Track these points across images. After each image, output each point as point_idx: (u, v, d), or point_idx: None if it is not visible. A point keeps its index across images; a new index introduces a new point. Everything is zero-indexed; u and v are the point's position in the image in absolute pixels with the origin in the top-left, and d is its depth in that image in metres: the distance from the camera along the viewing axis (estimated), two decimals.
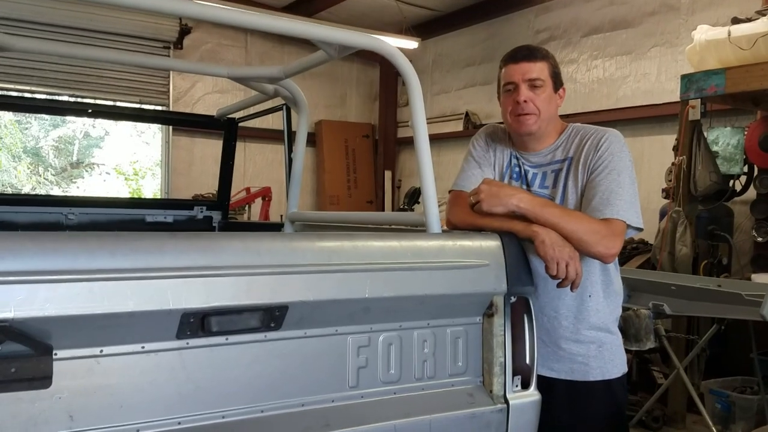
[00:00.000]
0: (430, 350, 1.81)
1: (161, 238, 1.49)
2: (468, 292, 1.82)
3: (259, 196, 7.82)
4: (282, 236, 1.80)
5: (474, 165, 2.24)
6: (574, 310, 2.07)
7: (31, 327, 1.28)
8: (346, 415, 1.66)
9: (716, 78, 4.36)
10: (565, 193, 2.09)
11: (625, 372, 2.17)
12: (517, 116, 2.09)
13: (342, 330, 1.68)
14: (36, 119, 12.80)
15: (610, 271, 2.11)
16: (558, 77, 2.13)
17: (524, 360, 1.91)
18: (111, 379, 1.41)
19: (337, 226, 2.76)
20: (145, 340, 1.43)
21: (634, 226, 1.98)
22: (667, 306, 3.58)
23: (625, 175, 2.01)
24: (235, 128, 3.84)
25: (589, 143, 2.08)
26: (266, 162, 8.86)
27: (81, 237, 1.40)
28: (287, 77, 2.60)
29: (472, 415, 1.81)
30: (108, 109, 5.03)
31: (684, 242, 4.52)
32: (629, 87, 6.72)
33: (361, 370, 1.71)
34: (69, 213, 3.44)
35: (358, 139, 9.68)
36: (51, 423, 1.34)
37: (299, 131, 3.01)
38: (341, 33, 2.05)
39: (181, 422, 1.47)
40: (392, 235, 1.83)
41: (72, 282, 1.30)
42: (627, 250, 5.58)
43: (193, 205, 3.88)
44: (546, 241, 1.86)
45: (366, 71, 9.85)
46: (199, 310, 1.44)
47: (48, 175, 13.33)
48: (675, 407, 4.61)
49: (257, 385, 1.57)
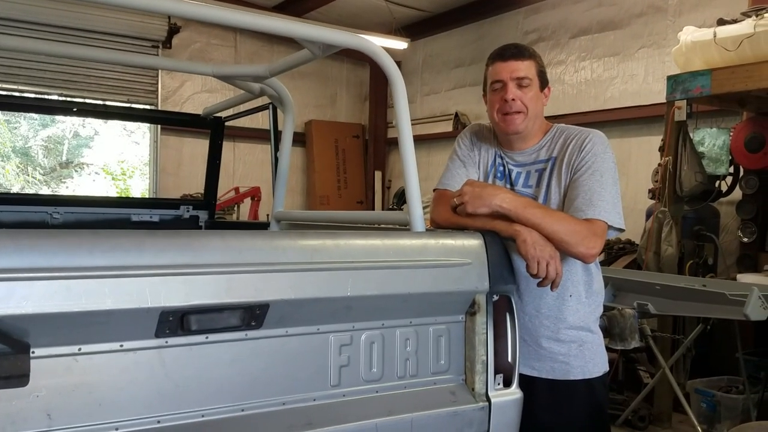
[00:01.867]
0: (413, 348, 1.82)
1: (140, 236, 1.47)
2: (451, 291, 1.83)
3: (248, 196, 7.80)
4: (264, 234, 1.80)
5: (459, 164, 2.25)
6: (555, 309, 2.08)
7: (8, 325, 1.27)
8: (328, 414, 1.66)
9: (702, 79, 4.39)
10: (548, 192, 2.10)
11: (607, 371, 2.18)
12: (505, 115, 2.09)
13: (324, 328, 1.68)
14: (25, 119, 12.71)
15: (592, 271, 2.13)
16: (544, 76, 2.14)
17: (506, 358, 1.91)
18: (89, 378, 1.40)
19: (323, 225, 2.76)
20: (124, 338, 1.43)
21: (615, 227, 2.00)
22: (651, 305, 3.60)
23: (608, 176, 2.02)
24: (222, 127, 3.83)
25: (573, 143, 2.09)
26: (256, 162, 8.83)
27: (59, 234, 1.40)
28: (272, 76, 2.60)
29: (454, 413, 1.81)
30: (95, 108, 4.99)
31: (669, 242, 4.54)
32: (617, 88, 6.76)
33: (343, 369, 1.71)
34: (54, 212, 3.41)
35: (348, 139, 9.68)
36: (29, 421, 1.34)
37: (285, 130, 3.01)
38: (325, 32, 2.05)
39: (161, 421, 1.47)
40: (375, 233, 1.83)
41: (50, 280, 1.30)
42: (614, 250, 5.60)
43: (179, 204, 3.86)
44: (527, 240, 1.87)
45: (356, 71, 9.85)
46: (178, 309, 1.43)
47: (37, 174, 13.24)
48: (661, 407, 4.63)
49: (238, 384, 1.56)
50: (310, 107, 9.38)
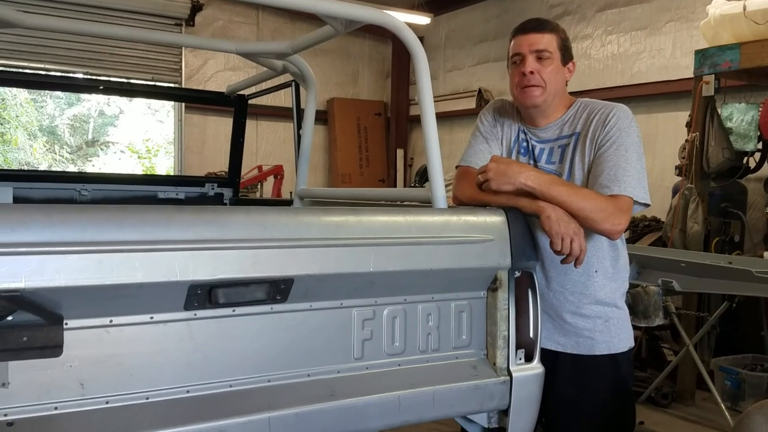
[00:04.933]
0: (435, 323, 1.84)
1: (169, 211, 1.50)
2: (472, 267, 1.83)
3: (271, 174, 7.85)
4: (288, 210, 1.82)
5: (481, 140, 2.24)
6: (581, 285, 2.08)
7: (42, 297, 1.31)
8: (352, 386, 1.69)
9: (731, 53, 4.30)
10: (572, 168, 2.09)
11: (632, 347, 2.18)
12: (523, 88, 2.08)
13: (347, 303, 1.70)
14: (51, 98, 12.88)
15: (618, 247, 2.12)
16: (567, 50, 2.11)
17: (528, 333, 1.92)
18: (120, 349, 1.44)
19: (345, 202, 2.78)
20: (154, 310, 1.46)
21: (641, 202, 1.98)
22: (676, 283, 3.58)
23: (633, 151, 2.00)
24: (245, 105, 3.85)
25: (597, 118, 2.07)
26: (278, 140, 8.87)
27: (90, 210, 1.43)
28: (295, 53, 2.60)
29: (475, 386, 1.84)
30: (119, 86, 5.04)
31: (696, 219, 4.49)
32: (644, 63, 6.64)
33: (366, 343, 1.74)
34: (82, 189, 3.48)
35: (370, 117, 9.66)
36: (62, 390, 1.38)
37: (308, 108, 3.01)
38: (348, 7, 2.04)
39: (190, 391, 1.51)
40: (397, 210, 1.85)
41: (81, 253, 1.33)
42: (639, 227, 5.55)
43: (204, 182, 3.92)
44: (552, 216, 1.87)
45: (378, 48, 9.78)
46: (206, 282, 1.46)
47: (64, 153, 13.44)
48: (684, 384, 4.62)
49: (264, 356, 1.60)
50: (332, 85, 9.36)
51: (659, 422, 4.33)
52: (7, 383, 1.33)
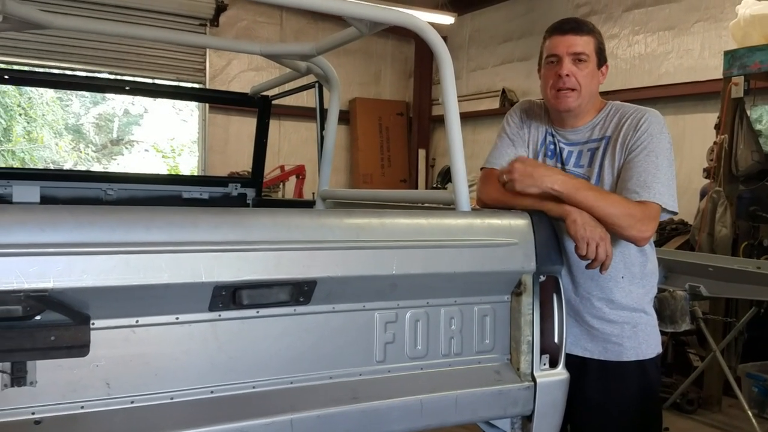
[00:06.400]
0: (457, 327, 1.82)
1: (195, 213, 1.52)
2: (496, 271, 1.82)
3: (293, 174, 7.89)
4: (311, 213, 1.83)
5: (507, 142, 2.21)
6: (607, 291, 2.05)
7: (70, 297, 1.32)
8: (374, 389, 1.69)
9: (760, 54, 4.22)
10: (601, 173, 2.05)
11: (660, 353, 2.15)
12: (558, 91, 2.04)
13: (369, 306, 1.70)
14: (77, 96, 13.06)
15: (646, 252, 2.08)
16: (602, 53, 2.07)
17: (552, 339, 1.90)
18: (146, 349, 1.45)
19: (368, 203, 2.77)
20: (179, 311, 1.47)
21: (669, 209, 1.95)
22: (703, 287, 3.52)
23: (663, 157, 1.97)
24: (269, 106, 3.87)
25: (628, 123, 2.03)
26: (301, 140, 8.90)
27: (117, 211, 1.44)
28: (319, 54, 2.61)
29: (499, 392, 1.82)
30: (145, 86, 5.10)
31: (724, 223, 4.42)
32: (671, 63, 6.54)
33: (388, 345, 1.73)
34: (108, 189, 3.53)
35: (392, 116, 9.65)
36: (89, 389, 1.40)
37: (331, 109, 3.02)
38: (372, 9, 2.04)
39: (214, 391, 1.52)
40: (420, 212, 1.84)
41: (109, 254, 1.34)
42: (666, 230, 5.47)
43: (228, 182, 3.94)
44: (578, 220, 1.84)
45: (401, 48, 9.77)
46: (230, 284, 1.47)
47: (89, 151, 13.64)
48: (711, 390, 4.55)
49: (287, 357, 1.60)
50: (354, 85, 9.37)
51: (685, 429, 4.27)
52: (35, 382, 1.34)
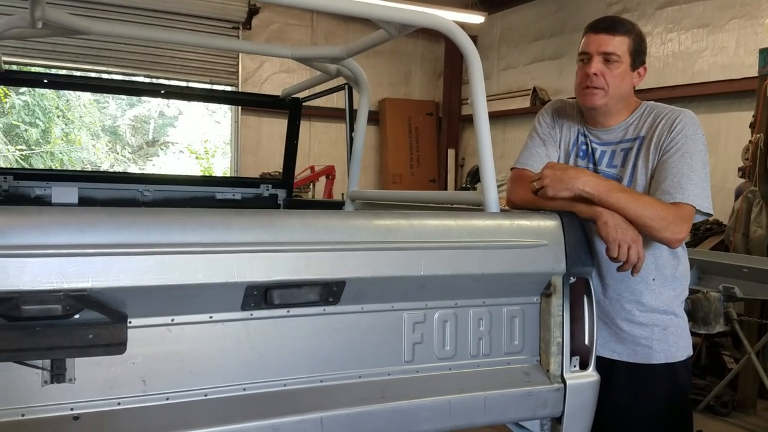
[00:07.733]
0: (486, 328, 1.83)
1: (228, 215, 1.55)
2: (525, 272, 1.82)
3: (323, 174, 7.94)
4: (340, 214, 1.85)
5: (538, 142, 2.20)
6: (637, 293, 2.03)
7: (108, 296, 1.37)
8: (402, 389, 1.70)
9: None
10: (634, 173, 2.03)
11: (690, 355, 2.12)
12: (584, 89, 2.03)
13: (398, 306, 1.72)
14: (113, 99, 13.35)
15: (678, 254, 2.06)
16: (639, 55, 2.03)
17: (583, 340, 1.89)
18: (181, 347, 1.49)
19: (397, 204, 2.79)
20: (213, 310, 1.51)
21: (703, 211, 1.93)
22: (738, 289, 3.45)
23: (698, 158, 1.94)
24: (300, 108, 3.91)
25: (663, 123, 2.00)
26: (330, 141, 8.96)
27: (154, 213, 1.49)
28: (349, 57, 2.63)
29: (528, 393, 1.82)
30: (179, 90, 5.20)
31: (759, 223, 4.33)
32: (706, 61, 6.42)
33: (417, 346, 1.75)
34: (144, 190, 3.61)
35: (422, 116, 9.64)
36: (125, 386, 1.44)
37: (360, 110, 3.04)
38: (401, 12, 2.05)
39: (246, 388, 1.55)
40: (448, 213, 1.84)
41: (145, 255, 1.38)
42: (700, 231, 5.38)
43: (259, 183, 4.00)
44: (609, 222, 1.83)
45: (431, 48, 9.76)
46: (262, 284, 1.50)
47: (125, 152, 13.92)
48: (745, 393, 4.46)
49: (317, 357, 1.63)
50: (384, 85, 9.39)
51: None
52: (74, 379, 1.39)
